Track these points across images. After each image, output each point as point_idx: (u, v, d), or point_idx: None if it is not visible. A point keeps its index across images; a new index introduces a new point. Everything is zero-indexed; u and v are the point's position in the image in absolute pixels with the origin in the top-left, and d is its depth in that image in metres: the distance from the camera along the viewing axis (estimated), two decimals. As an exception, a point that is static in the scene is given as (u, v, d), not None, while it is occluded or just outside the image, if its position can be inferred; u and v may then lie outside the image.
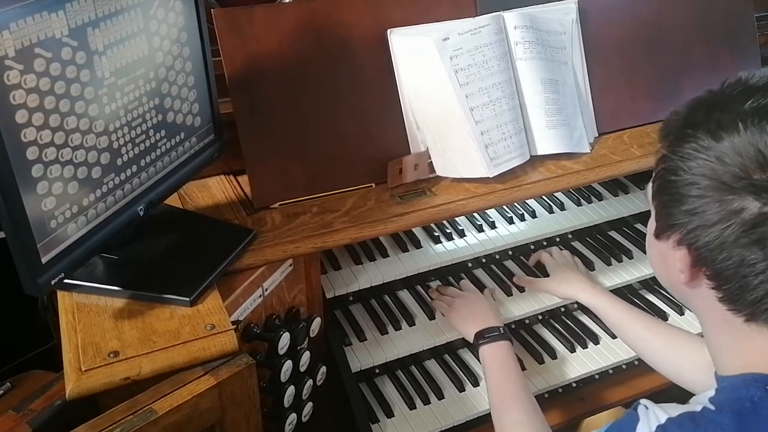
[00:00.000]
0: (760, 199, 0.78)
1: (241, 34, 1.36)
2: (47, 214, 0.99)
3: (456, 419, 1.48)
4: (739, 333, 0.86)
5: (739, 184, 0.79)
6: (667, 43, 1.72)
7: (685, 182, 0.84)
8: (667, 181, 0.87)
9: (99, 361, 1.01)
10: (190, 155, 1.29)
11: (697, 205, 0.83)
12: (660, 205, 0.90)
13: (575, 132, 1.58)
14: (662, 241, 0.90)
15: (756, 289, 0.82)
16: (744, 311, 0.85)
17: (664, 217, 0.89)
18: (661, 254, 0.92)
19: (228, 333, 1.08)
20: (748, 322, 0.85)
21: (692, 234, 0.84)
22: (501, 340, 1.41)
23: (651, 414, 0.85)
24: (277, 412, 1.32)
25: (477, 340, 1.43)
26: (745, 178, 0.79)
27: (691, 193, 0.83)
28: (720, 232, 0.81)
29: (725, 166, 0.80)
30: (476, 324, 1.45)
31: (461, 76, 1.45)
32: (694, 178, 0.83)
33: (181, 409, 0.98)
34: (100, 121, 1.05)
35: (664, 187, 0.88)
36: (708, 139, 0.82)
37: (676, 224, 0.86)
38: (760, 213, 0.79)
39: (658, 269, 0.97)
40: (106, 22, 1.03)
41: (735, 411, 0.81)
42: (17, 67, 0.90)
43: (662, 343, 1.36)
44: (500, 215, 1.70)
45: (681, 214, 0.85)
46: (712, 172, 0.81)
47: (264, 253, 1.28)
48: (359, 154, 1.47)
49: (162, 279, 1.16)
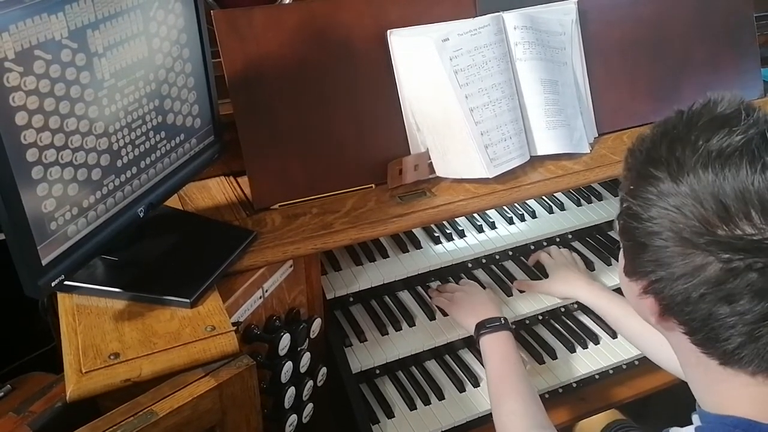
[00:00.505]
0: (724, 256, 0.74)
1: (241, 35, 1.36)
2: (47, 216, 0.99)
3: (456, 420, 1.48)
4: (714, 374, 0.83)
5: (701, 240, 0.75)
6: (667, 43, 1.72)
7: (647, 230, 0.80)
8: (630, 227, 0.83)
9: (99, 362, 1.01)
10: (190, 156, 1.29)
11: (660, 256, 0.79)
12: (626, 247, 0.87)
13: (575, 132, 1.58)
14: (632, 282, 0.87)
15: (727, 341, 0.78)
16: (717, 356, 0.82)
17: (629, 259, 0.86)
18: (633, 292, 0.87)
19: (228, 334, 1.08)
20: (722, 366, 0.82)
21: (657, 284, 0.81)
22: (501, 330, 1.41)
23: None
24: (277, 413, 1.32)
25: (478, 330, 1.43)
26: (706, 233, 0.74)
27: (653, 243, 0.79)
28: (684, 287, 0.77)
29: (686, 218, 0.76)
30: (477, 316, 1.45)
31: (461, 76, 1.45)
32: (655, 228, 0.79)
33: (181, 411, 0.98)
34: (100, 122, 1.05)
35: (627, 230, 0.84)
36: (668, 182, 0.77)
37: (640, 271, 0.83)
38: (724, 269, 0.74)
39: (632, 304, 0.93)
40: (105, 23, 1.03)
41: None
42: (17, 69, 0.90)
43: (659, 338, 1.35)
44: (500, 216, 1.70)
45: (645, 262, 0.81)
46: (672, 224, 0.77)
47: (264, 255, 1.28)
48: (359, 154, 1.47)
49: (162, 280, 1.16)
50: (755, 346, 0.78)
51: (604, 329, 1.68)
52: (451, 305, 1.53)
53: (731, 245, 0.73)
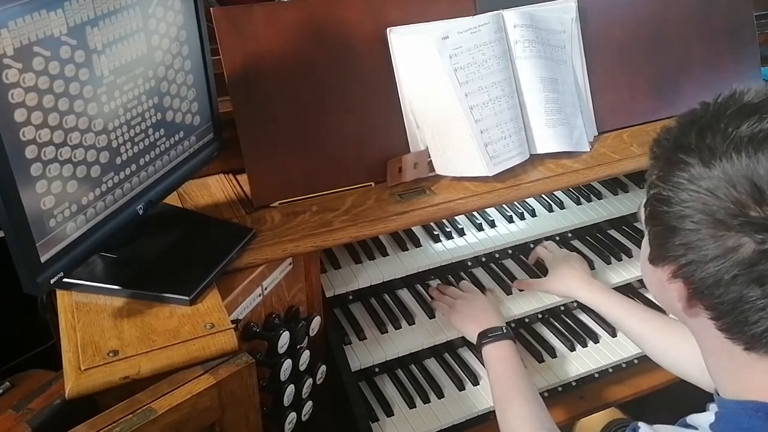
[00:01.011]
0: (757, 237, 0.74)
1: (241, 32, 1.36)
2: (46, 213, 0.99)
3: (456, 418, 1.48)
4: (738, 360, 0.83)
5: (735, 222, 0.75)
6: (667, 41, 1.71)
7: (678, 215, 0.80)
8: (659, 212, 0.83)
9: (98, 360, 1.01)
10: (189, 154, 1.29)
11: (691, 239, 0.79)
12: (652, 233, 0.87)
13: (575, 131, 1.58)
14: (657, 268, 0.87)
15: (756, 324, 0.79)
16: (743, 341, 0.82)
17: (657, 246, 0.86)
18: (657, 279, 0.88)
19: (227, 332, 1.08)
20: (747, 351, 0.82)
21: (687, 268, 0.81)
22: (504, 340, 1.40)
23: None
24: (276, 411, 1.32)
25: (480, 340, 1.42)
26: (740, 215, 0.75)
27: (684, 227, 0.80)
28: (716, 269, 0.78)
29: (719, 200, 0.76)
30: (478, 324, 1.45)
31: (461, 74, 1.45)
32: (686, 211, 0.79)
33: (180, 408, 0.98)
34: (99, 119, 1.05)
35: (655, 216, 0.85)
36: (699, 166, 0.78)
37: (669, 256, 0.83)
38: (758, 251, 0.75)
39: (655, 292, 0.94)
40: (104, 20, 1.03)
41: None
42: (16, 66, 0.90)
43: (662, 339, 1.36)
44: (500, 214, 1.70)
45: (675, 246, 0.82)
46: (705, 207, 0.77)
47: (263, 252, 1.28)
48: (358, 152, 1.46)
49: (161, 278, 1.16)
50: None
51: (603, 328, 1.68)
52: (453, 312, 1.52)
53: (765, 226, 0.74)
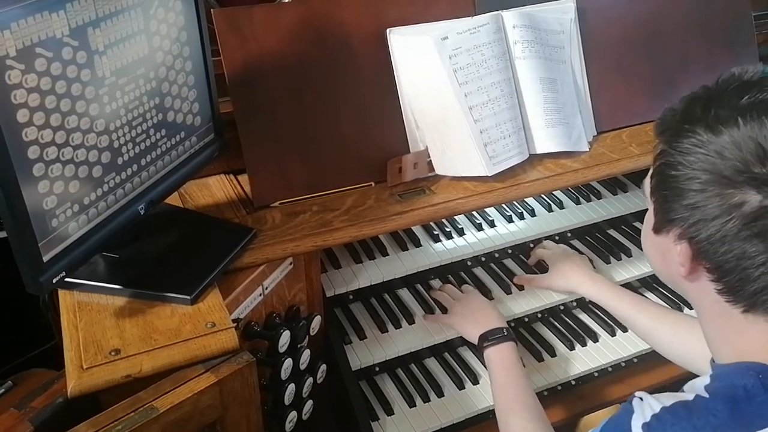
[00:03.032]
0: (761, 192, 0.80)
1: (241, 33, 1.37)
2: (48, 213, 0.99)
3: (456, 417, 1.49)
4: (736, 324, 0.88)
5: (740, 178, 0.80)
6: (666, 41, 1.72)
7: (686, 177, 0.85)
8: (667, 176, 0.88)
9: (100, 359, 1.02)
10: (190, 154, 1.29)
11: (698, 200, 0.84)
12: (659, 199, 0.91)
13: (574, 131, 1.59)
14: (661, 236, 0.91)
15: (756, 281, 0.83)
16: (743, 302, 0.86)
17: (664, 211, 0.90)
18: (660, 248, 0.93)
19: (228, 331, 1.08)
20: (745, 313, 0.87)
21: (693, 228, 0.85)
22: (505, 342, 1.41)
23: (645, 404, 0.86)
24: (277, 410, 1.33)
25: (481, 342, 1.42)
26: (745, 171, 0.80)
27: (691, 188, 0.84)
28: (721, 226, 0.82)
29: (725, 160, 0.81)
30: (479, 326, 1.45)
31: (460, 75, 1.46)
32: (694, 173, 0.84)
33: (182, 407, 0.98)
34: (100, 120, 1.06)
35: (663, 181, 0.89)
36: (707, 134, 0.83)
37: (676, 218, 0.88)
38: (761, 206, 0.80)
39: (656, 263, 0.98)
40: (106, 21, 1.04)
41: (728, 397, 0.83)
42: (18, 67, 0.91)
43: (669, 332, 1.36)
44: (499, 214, 1.70)
45: (681, 208, 0.86)
46: (712, 166, 0.82)
47: (264, 252, 1.28)
48: (359, 152, 1.47)
49: (163, 277, 1.16)
50: None
51: (603, 327, 1.69)
52: (452, 316, 1.52)
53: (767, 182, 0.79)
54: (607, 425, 0.90)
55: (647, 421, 0.84)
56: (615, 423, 0.89)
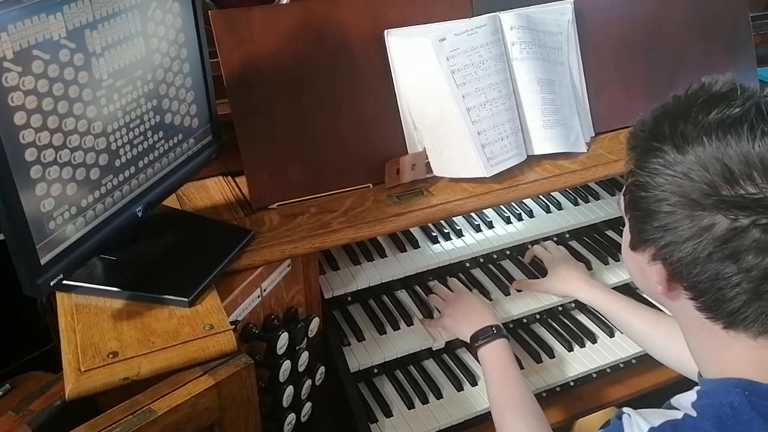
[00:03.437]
0: (730, 215, 0.78)
1: (239, 35, 1.37)
2: (46, 216, 0.99)
3: (454, 418, 1.48)
4: (718, 340, 0.87)
5: (708, 201, 0.79)
6: (663, 43, 1.72)
7: (655, 198, 0.84)
8: (637, 197, 0.87)
9: (98, 361, 1.02)
10: (188, 156, 1.29)
11: (668, 221, 0.83)
12: (632, 219, 0.90)
13: (572, 132, 1.59)
14: (638, 253, 0.91)
15: (732, 300, 0.82)
16: (722, 320, 0.85)
17: (637, 231, 0.89)
18: (639, 265, 0.92)
19: (227, 333, 1.08)
20: (726, 329, 0.86)
21: (665, 249, 0.85)
22: (497, 339, 1.41)
23: (633, 423, 0.85)
24: (275, 412, 1.33)
25: (473, 341, 1.43)
26: (713, 195, 0.79)
27: (661, 209, 0.84)
28: (693, 248, 0.82)
29: (693, 182, 0.80)
30: (471, 326, 1.45)
31: (458, 76, 1.46)
32: (663, 195, 0.83)
33: (180, 409, 0.98)
34: (98, 122, 1.05)
35: (634, 201, 0.88)
36: (674, 153, 0.82)
37: (648, 239, 0.87)
38: (730, 228, 0.79)
39: (636, 278, 0.98)
40: (103, 23, 1.04)
41: (716, 417, 0.82)
42: (15, 69, 0.90)
43: (663, 337, 1.36)
44: (498, 215, 1.70)
45: (653, 229, 0.86)
46: (680, 188, 0.81)
47: (262, 254, 1.28)
48: (357, 154, 1.47)
49: (161, 280, 1.16)
50: (759, 304, 0.82)
51: (601, 328, 1.69)
52: (444, 319, 1.52)
53: (736, 203, 0.78)
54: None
55: None
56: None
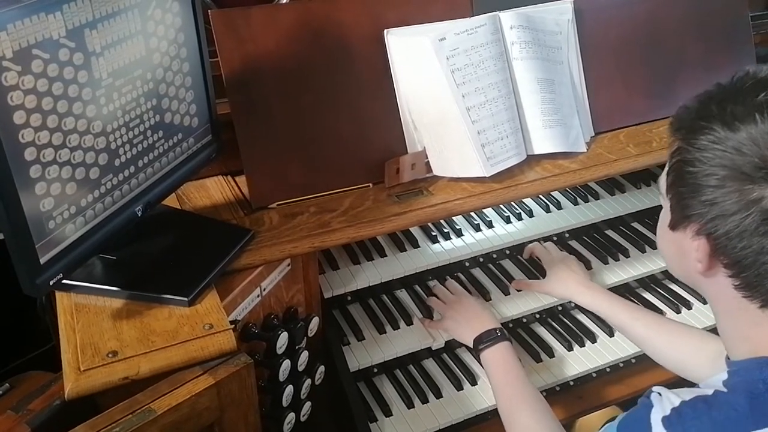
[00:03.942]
0: None
1: (238, 34, 1.37)
2: (45, 215, 0.99)
3: (454, 418, 1.49)
4: (753, 318, 0.88)
5: (759, 174, 0.81)
6: (663, 42, 1.72)
7: (703, 173, 0.85)
8: (684, 173, 0.88)
9: (98, 361, 1.02)
10: (187, 156, 1.29)
11: (716, 195, 0.85)
12: (676, 196, 0.91)
13: (571, 131, 1.59)
14: (678, 232, 0.92)
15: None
16: (760, 297, 0.87)
17: (681, 208, 0.90)
18: (677, 245, 0.93)
19: (226, 332, 1.08)
20: (762, 308, 0.87)
21: (711, 224, 0.86)
22: (500, 342, 1.41)
23: (665, 399, 0.87)
24: (275, 412, 1.33)
25: (476, 345, 1.43)
26: (764, 167, 0.81)
27: (709, 184, 0.85)
28: (740, 221, 0.83)
29: (744, 156, 0.82)
30: (473, 329, 1.45)
31: (458, 76, 1.46)
32: (711, 169, 0.84)
33: (179, 409, 0.98)
34: (97, 121, 1.05)
35: (680, 178, 0.89)
36: (724, 131, 0.84)
37: (693, 215, 0.88)
38: None
39: (672, 260, 0.99)
40: (103, 23, 1.03)
41: (748, 392, 0.84)
42: (15, 68, 0.90)
43: (665, 341, 1.37)
44: (497, 214, 1.70)
45: (699, 204, 0.87)
46: (730, 162, 0.83)
47: (262, 253, 1.28)
48: (356, 154, 1.47)
49: (160, 279, 1.16)
50: None
51: (601, 328, 1.69)
52: (446, 321, 1.52)
53: None
54: (624, 420, 0.91)
55: (667, 415, 0.85)
56: (633, 417, 0.90)
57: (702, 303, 1.74)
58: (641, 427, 0.87)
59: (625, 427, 0.90)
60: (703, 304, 1.74)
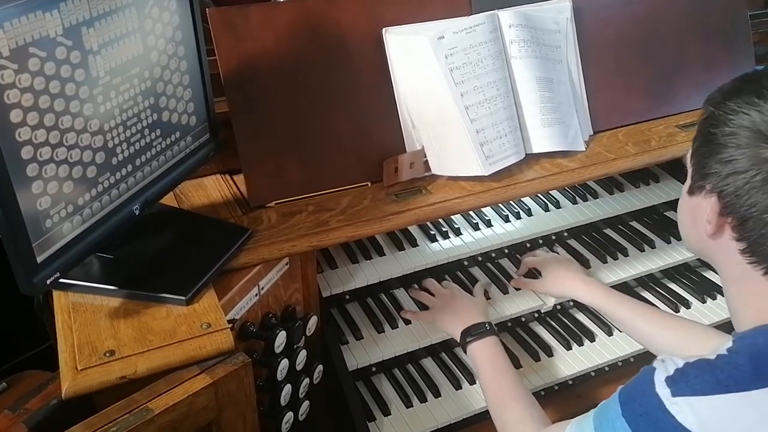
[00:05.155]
0: None
1: (236, 33, 1.37)
2: (42, 214, 0.99)
3: (453, 417, 1.48)
4: (758, 286, 0.93)
5: None
6: (662, 41, 1.72)
7: (725, 133, 0.91)
8: (709, 133, 0.94)
9: (95, 360, 1.02)
10: (185, 154, 1.29)
11: (732, 154, 0.90)
12: (698, 158, 0.96)
13: (570, 130, 1.59)
14: (694, 196, 0.98)
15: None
16: (763, 263, 0.91)
17: (700, 167, 0.95)
18: (691, 210, 0.99)
19: (224, 332, 1.08)
20: (766, 275, 0.92)
21: (724, 182, 0.91)
22: (487, 336, 1.41)
23: (668, 362, 0.90)
24: (273, 411, 1.32)
25: (464, 338, 1.43)
26: None
27: (729, 143, 0.90)
28: (750, 178, 0.88)
29: (765, 118, 0.88)
30: (461, 322, 1.45)
31: (456, 74, 1.45)
32: (734, 129, 0.90)
33: (177, 408, 0.98)
34: (95, 120, 1.05)
35: (704, 138, 0.95)
36: (754, 98, 0.89)
37: (710, 173, 0.93)
38: None
39: (686, 226, 1.03)
40: (100, 21, 1.03)
41: (750, 353, 0.86)
42: (11, 67, 0.90)
43: (670, 338, 1.36)
44: (496, 213, 1.70)
45: (716, 163, 0.92)
46: (752, 123, 0.89)
47: (260, 252, 1.28)
48: (355, 152, 1.47)
49: (158, 278, 1.16)
50: None
51: (599, 327, 1.69)
52: (433, 313, 1.52)
53: None
54: (626, 386, 0.93)
55: (670, 375, 0.88)
56: (637, 380, 0.92)
57: (701, 303, 1.74)
58: (644, 387, 0.89)
59: (628, 391, 0.93)
60: (702, 303, 1.74)
